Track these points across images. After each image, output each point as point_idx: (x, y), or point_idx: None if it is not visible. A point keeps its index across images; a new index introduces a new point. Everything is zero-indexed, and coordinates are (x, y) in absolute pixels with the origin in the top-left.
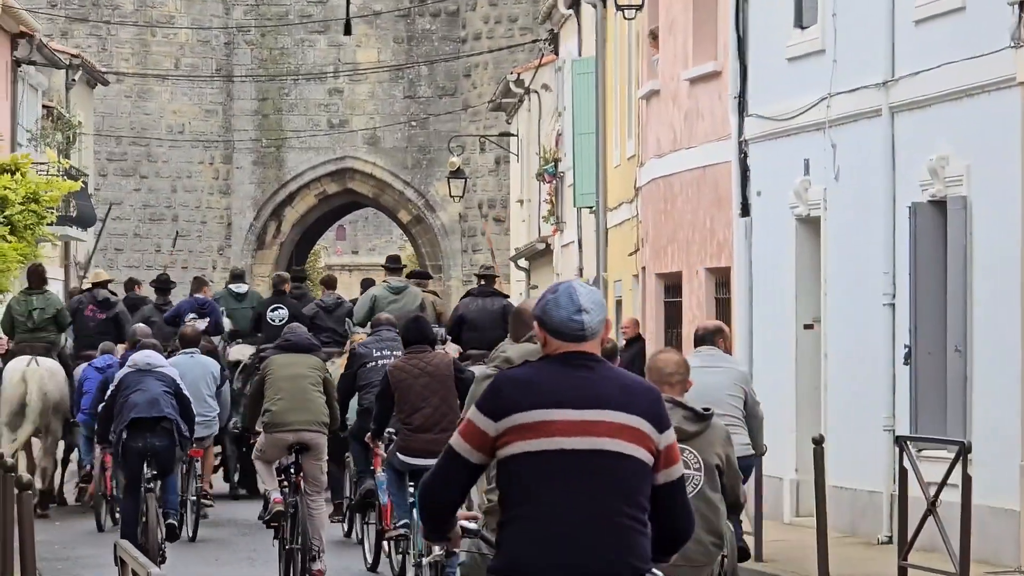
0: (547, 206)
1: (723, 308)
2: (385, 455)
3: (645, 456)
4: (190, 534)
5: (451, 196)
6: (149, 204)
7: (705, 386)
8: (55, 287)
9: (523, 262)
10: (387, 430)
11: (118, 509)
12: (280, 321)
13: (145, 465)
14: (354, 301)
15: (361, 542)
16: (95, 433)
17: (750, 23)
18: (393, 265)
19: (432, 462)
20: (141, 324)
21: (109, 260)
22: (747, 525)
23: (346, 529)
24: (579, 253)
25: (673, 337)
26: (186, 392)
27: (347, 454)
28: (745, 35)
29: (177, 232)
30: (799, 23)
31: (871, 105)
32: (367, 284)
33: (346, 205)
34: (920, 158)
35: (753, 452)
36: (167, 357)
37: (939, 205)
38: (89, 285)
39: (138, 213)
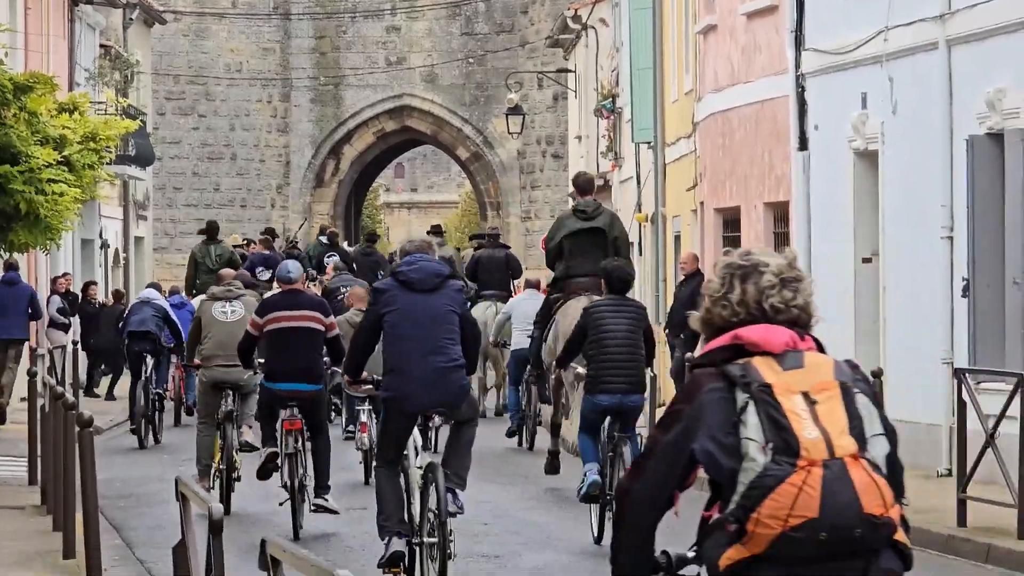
0: (605, 142)
1: (781, 242)
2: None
3: None
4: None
5: (509, 133)
6: (207, 143)
7: None
8: (114, 226)
9: None
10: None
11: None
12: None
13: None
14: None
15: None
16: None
17: None
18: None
19: None
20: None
21: (168, 199)
22: None
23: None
24: (637, 188)
25: None
26: (174, 317)
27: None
28: None
29: (288, 239)
30: None
31: (928, 38)
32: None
33: (404, 143)
34: (977, 91)
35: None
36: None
37: (996, 138)
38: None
39: (196, 152)
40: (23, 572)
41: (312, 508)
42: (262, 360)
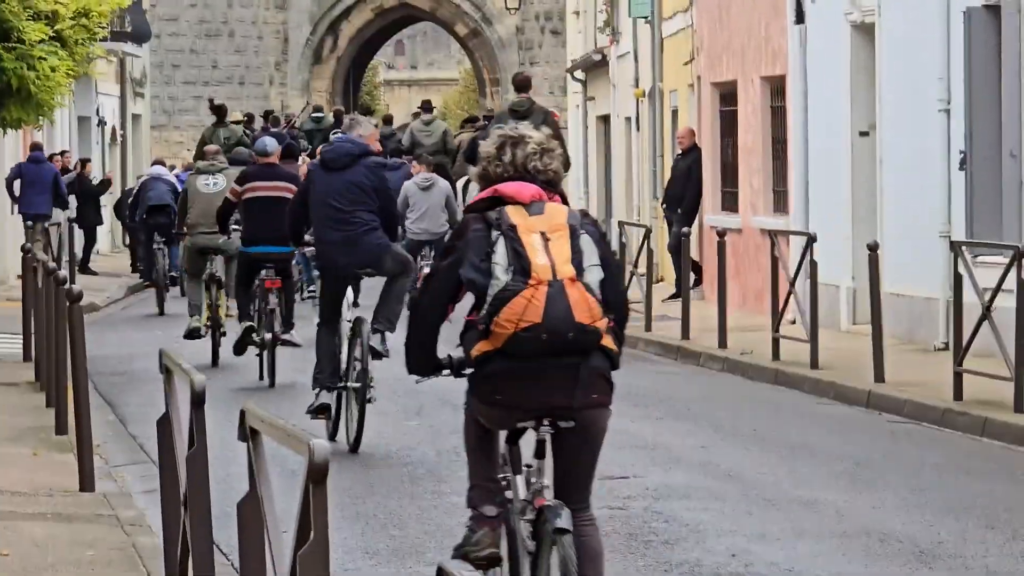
0: (603, 17)
1: (778, 116)
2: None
3: None
4: None
5: (508, 8)
6: (205, 20)
7: None
8: (111, 103)
9: (579, 74)
10: None
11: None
12: None
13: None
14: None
15: None
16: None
17: None
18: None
19: None
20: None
21: (166, 76)
22: (802, 333)
23: None
24: (635, 64)
25: (729, 146)
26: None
27: None
28: None
29: (290, 121)
30: None
31: None
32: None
33: (403, 19)
34: None
35: None
36: None
37: (993, 10)
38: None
39: (194, 29)
40: (15, 447)
41: (280, 343)
42: (238, 228)
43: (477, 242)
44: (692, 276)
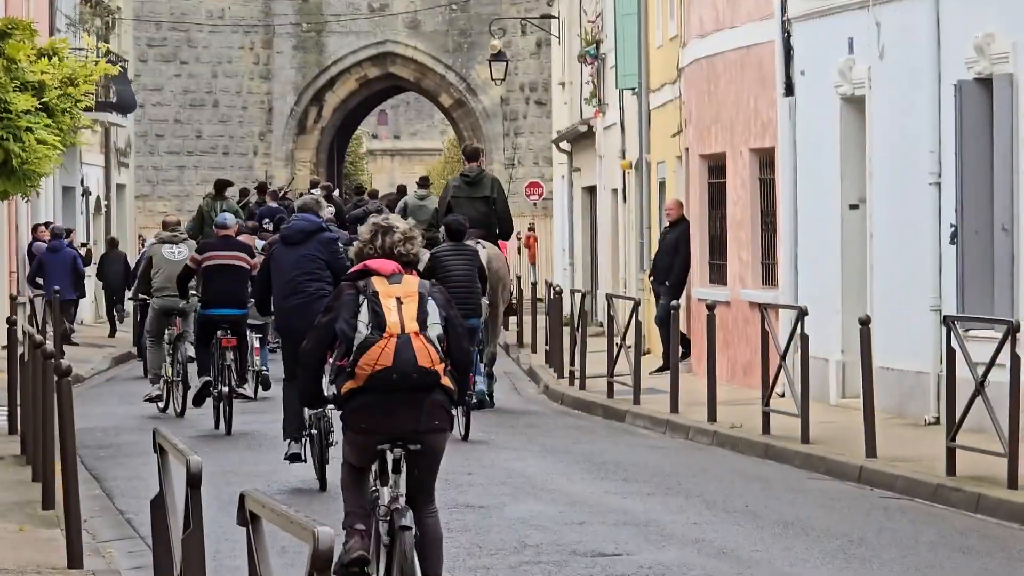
0: (589, 88)
1: (767, 189)
2: None
3: None
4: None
5: (492, 79)
6: (189, 90)
7: None
8: (95, 173)
9: (565, 145)
10: None
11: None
12: None
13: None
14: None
15: None
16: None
17: None
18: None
19: None
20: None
21: (150, 146)
22: (792, 406)
23: None
24: (621, 135)
25: (717, 218)
26: None
27: None
28: None
29: (279, 192)
30: None
31: None
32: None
33: (387, 89)
34: (966, 35)
35: None
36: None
37: (985, 83)
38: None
39: (178, 99)
40: (1, 523)
41: (234, 396)
42: (195, 293)
43: (348, 303)
44: (680, 349)
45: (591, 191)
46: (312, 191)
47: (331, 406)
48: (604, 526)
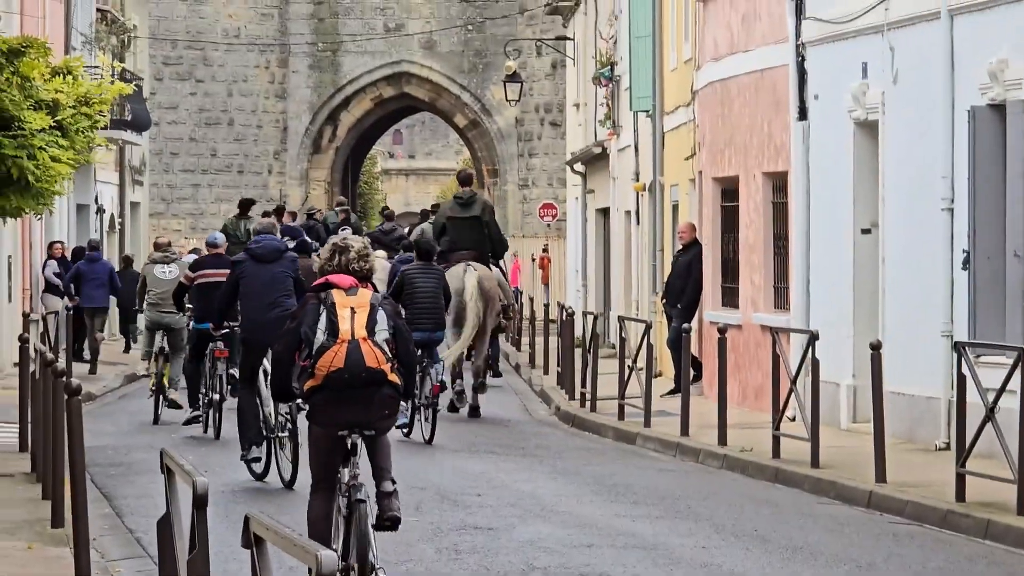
0: (603, 110)
1: (780, 212)
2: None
3: None
4: None
5: (507, 100)
6: (204, 108)
7: None
8: (110, 191)
9: (579, 166)
10: None
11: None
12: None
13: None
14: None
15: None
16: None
17: None
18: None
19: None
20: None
21: (164, 165)
22: (802, 430)
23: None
24: (635, 157)
25: (730, 241)
26: None
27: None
28: None
29: (308, 211)
30: None
31: (930, 7)
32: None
33: (402, 109)
34: (980, 61)
35: None
36: None
37: (998, 109)
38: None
39: (193, 117)
40: (9, 540)
41: (224, 401)
42: (190, 307)
43: (311, 312)
44: (692, 372)
45: (605, 213)
46: (335, 209)
47: (299, 401)
48: (613, 549)
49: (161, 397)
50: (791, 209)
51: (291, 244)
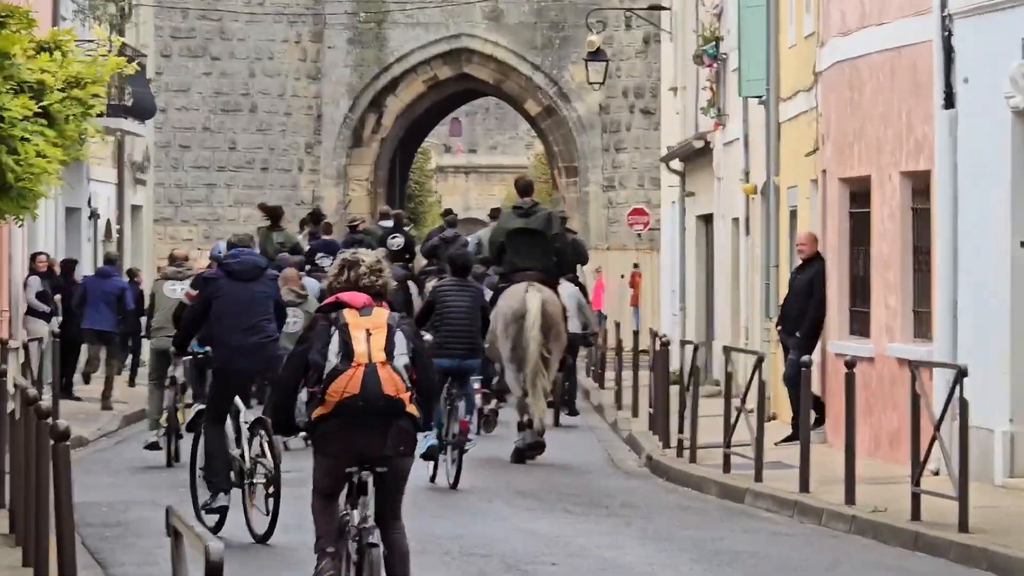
0: (706, 95)
1: (922, 220)
2: None
3: None
4: None
5: (589, 83)
6: (221, 92)
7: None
8: (106, 191)
9: (676, 164)
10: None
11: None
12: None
13: None
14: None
15: None
16: None
17: None
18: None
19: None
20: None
21: (173, 160)
22: (948, 487)
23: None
24: (745, 153)
25: (860, 256)
26: None
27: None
28: None
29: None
30: None
31: None
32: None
33: (461, 93)
34: None
35: None
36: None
37: None
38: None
39: (208, 103)
40: None
41: None
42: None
43: (321, 334)
44: (813, 414)
45: (707, 220)
46: (381, 223)
47: (303, 435)
48: None
49: (176, 436)
50: (935, 217)
51: (326, 261)
